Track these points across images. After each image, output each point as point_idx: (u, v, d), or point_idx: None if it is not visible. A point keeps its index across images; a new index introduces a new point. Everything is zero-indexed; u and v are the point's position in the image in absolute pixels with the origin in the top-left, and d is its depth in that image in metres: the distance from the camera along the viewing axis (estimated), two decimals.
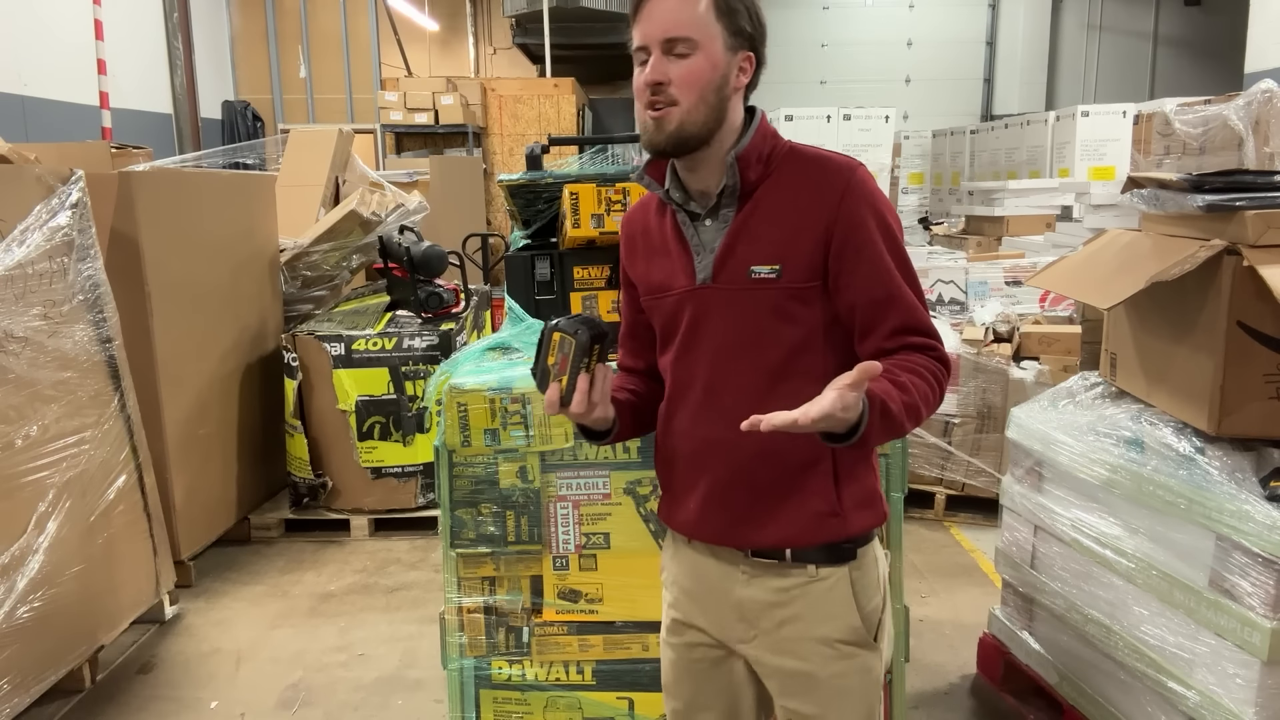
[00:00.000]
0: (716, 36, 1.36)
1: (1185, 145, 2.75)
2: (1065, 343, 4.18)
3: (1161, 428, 2.19)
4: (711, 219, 1.44)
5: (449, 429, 2.21)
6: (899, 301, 1.38)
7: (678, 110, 1.36)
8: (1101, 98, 11.21)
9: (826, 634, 1.44)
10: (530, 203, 2.64)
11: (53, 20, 8.00)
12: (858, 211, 1.37)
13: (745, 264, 1.40)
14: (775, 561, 1.45)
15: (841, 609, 1.45)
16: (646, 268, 1.52)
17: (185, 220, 3.75)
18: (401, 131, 9.54)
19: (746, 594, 1.47)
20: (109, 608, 3.02)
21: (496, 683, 2.31)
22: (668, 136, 1.37)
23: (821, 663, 1.44)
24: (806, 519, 1.42)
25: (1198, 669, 2.03)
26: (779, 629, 1.46)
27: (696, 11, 1.34)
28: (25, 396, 2.72)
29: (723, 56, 1.37)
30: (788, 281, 1.39)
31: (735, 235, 1.41)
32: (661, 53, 1.35)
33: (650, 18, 1.35)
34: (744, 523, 1.45)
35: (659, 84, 1.35)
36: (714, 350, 1.43)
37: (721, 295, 1.42)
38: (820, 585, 1.44)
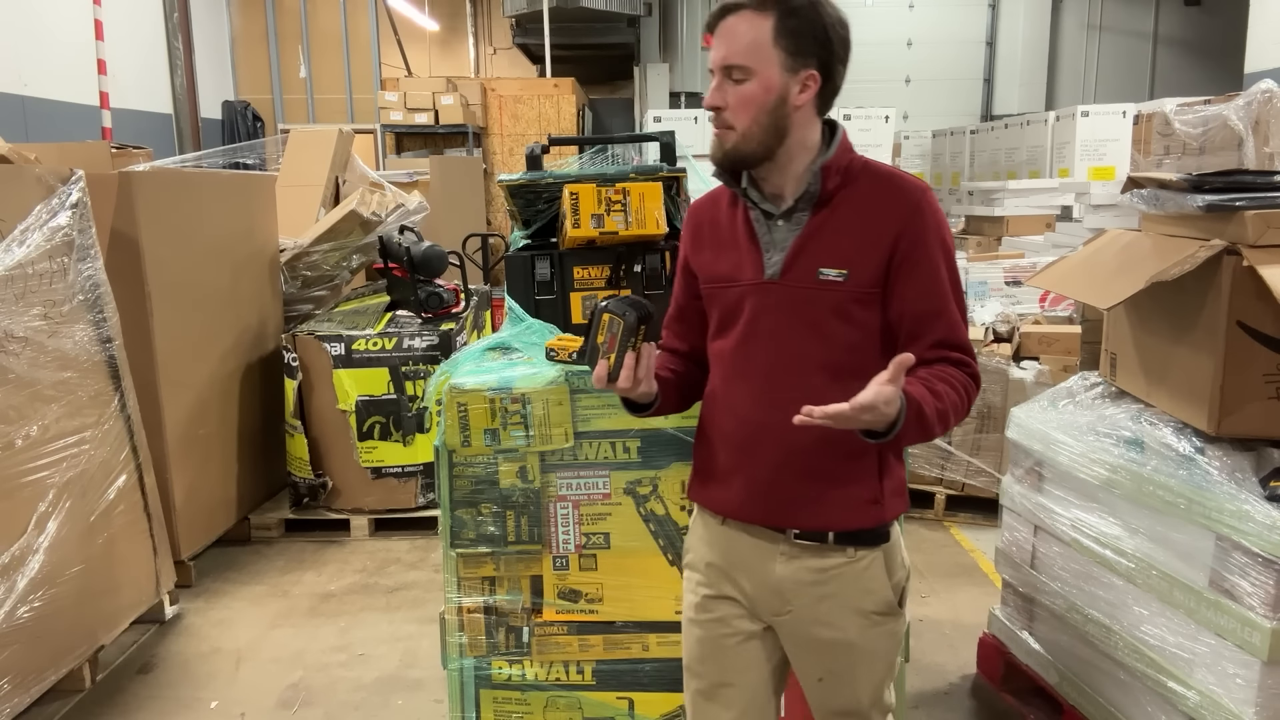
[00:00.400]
0: (773, 61, 1.46)
1: (1185, 145, 2.75)
2: (1065, 343, 4.18)
3: (1161, 428, 2.19)
4: (785, 220, 1.55)
5: (449, 429, 2.21)
6: (945, 317, 1.51)
7: (734, 133, 1.49)
8: (1101, 98, 11.21)
9: (862, 607, 1.58)
10: (530, 203, 2.64)
11: (53, 20, 8.00)
12: (923, 230, 1.50)
13: (814, 266, 1.51)
14: (817, 544, 1.56)
15: (876, 585, 1.59)
16: (713, 258, 1.62)
17: (185, 220, 3.75)
18: (401, 131, 9.54)
19: (785, 573, 1.58)
20: (109, 608, 3.03)
21: (496, 683, 2.31)
22: (725, 155, 1.52)
23: (857, 632, 1.59)
24: (852, 505, 1.55)
25: (1198, 669, 2.03)
26: (816, 604, 1.58)
27: (754, 40, 1.45)
28: (25, 396, 2.72)
29: (779, 79, 1.47)
30: (853, 286, 1.50)
31: (807, 238, 1.52)
32: (722, 77, 1.49)
33: (715, 44, 1.49)
34: (791, 505, 1.56)
35: (717, 108, 1.50)
36: (776, 342, 1.54)
37: (788, 292, 1.53)
38: (858, 565, 1.57)
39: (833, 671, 1.62)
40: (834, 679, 1.62)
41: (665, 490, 2.21)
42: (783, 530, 1.57)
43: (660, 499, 2.21)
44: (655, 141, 2.70)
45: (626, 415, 2.14)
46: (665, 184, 2.47)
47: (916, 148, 10.46)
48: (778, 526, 1.58)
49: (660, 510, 2.22)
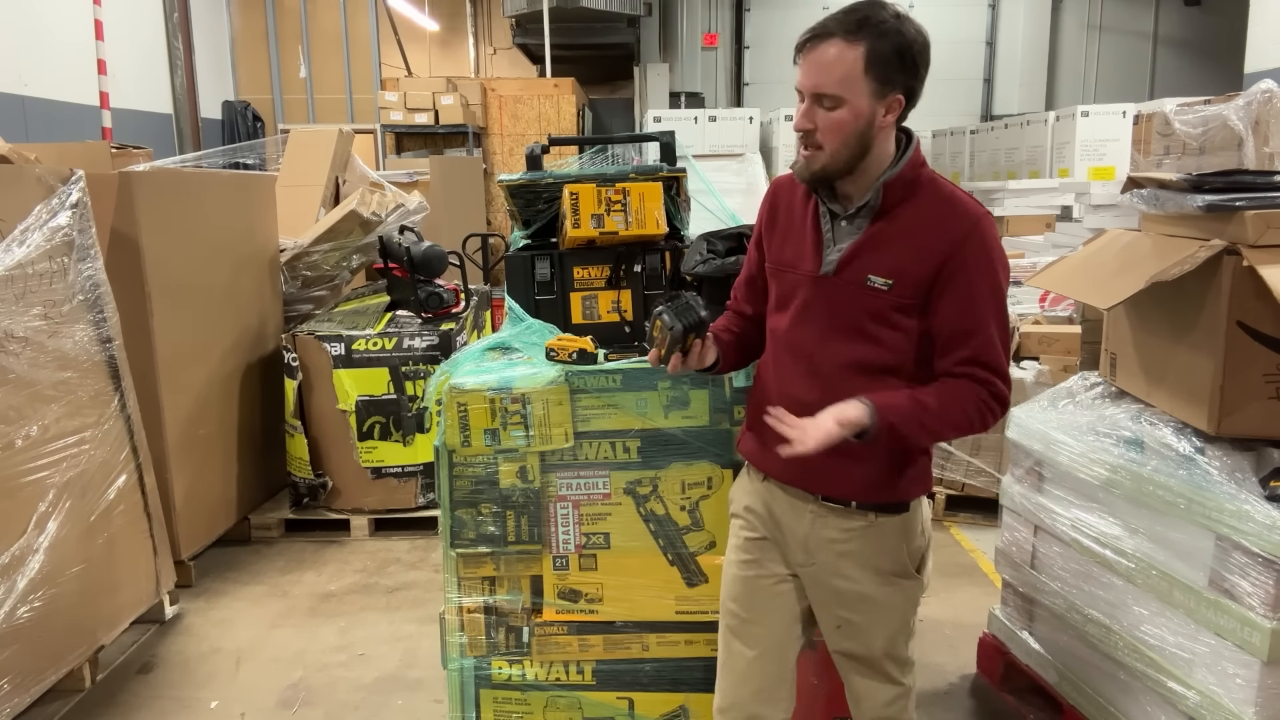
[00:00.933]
0: (863, 90, 1.55)
1: (1185, 145, 2.75)
2: (1065, 343, 4.18)
3: (1161, 428, 2.19)
4: (848, 222, 1.67)
5: (449, 429, 2.21)
6: (977, 338, 1.61)
7: (822, 155, 1.60)
8: (1101, 98, 11.20)
9: (879, 566, 1.74)
10: (530, 203, 2.64)
11: (53, 20, 8.00)
12: (972, 255, 1.60)
13: (865, 271, 1.63)
14: (842, 507, 1.73)
15: (893, 547, 1.74)
16: (781, 242, 1.77)
17: (185, 220, 3.75)
18: (401, 131, 9.54)
19: (813, 530, 1.75)
20: (109, 607, 3.03)
21: (496, 683, 2.31)
22: (812, 175, 1.63)
23: (873, 586, 1.74)
24: (870, 482, 1.70)
25: (1198, 669, 2.04)
26: (838, 560, 1.74)
27: (845, 70, 1.53)
28: (25, 396, 2.72)
29: (868, 106, 1.56)
30: (896, 295, 1.62)
31: (863, 244, 1.64)
32: (811, 102, 1.57)
33: (805, 69, 1.58)
34: (818, 474, 1.71)
35: (807, 130, 1.59)
36: (823, 332, 1.68)
37: (839, 289, 1.66)
38: (877, 529, 1.73)
39: (850, 620, 1.77)
40: (850, 627, 1.78)
41: (665, 490, 2.21)
42: (813, 494, 1.74)
43: (660, 499, 2.21)
44: (655, 141, 2.70)
45: (627, 415, 2.17)
46: (665, 184, 2.47)
47: None
48: (808, 490, 1.75)
49: (660, 510, 2.22)
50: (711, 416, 2.18)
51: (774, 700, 1.82)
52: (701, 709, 2.29)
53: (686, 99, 11.71)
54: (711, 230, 2.50)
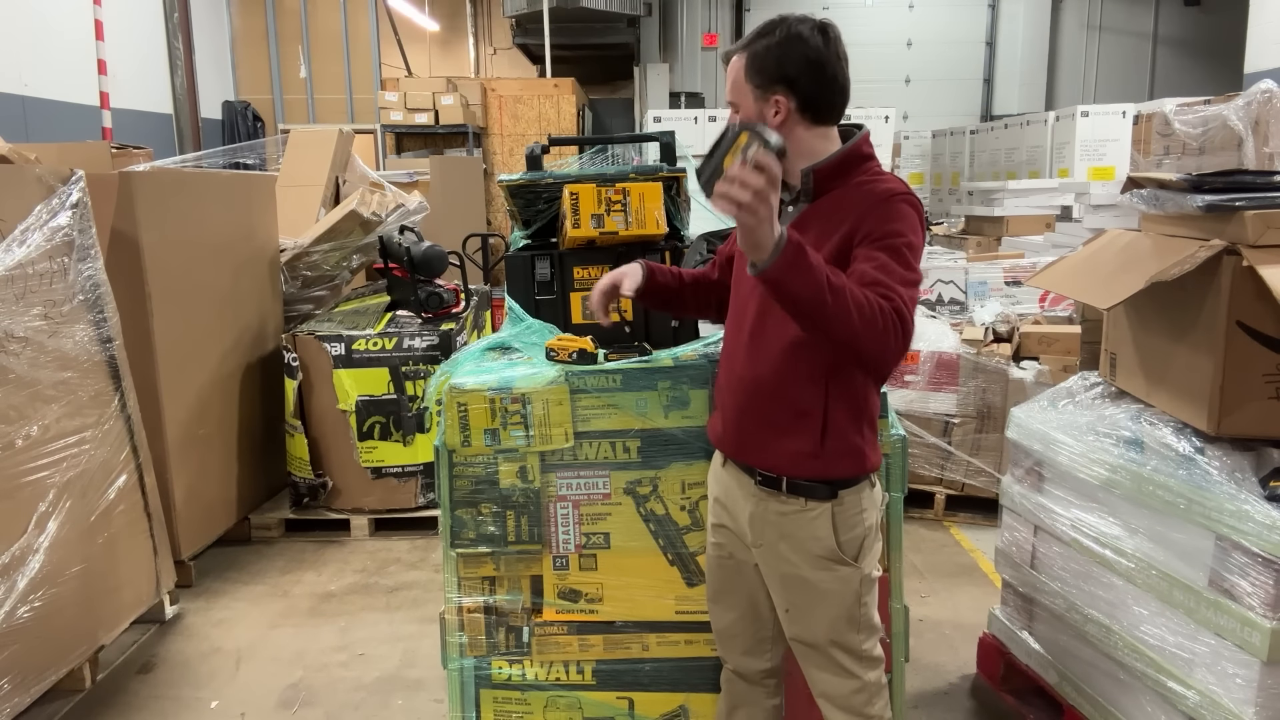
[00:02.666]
0: (747, 93, 1.76)
1: (1185, 145, 2.75)
2: (1065, 343, 4.18)
3: (1161, 428, 2.19)
4: (792, 208, 1.83)
5: (449, 429, 2.21)
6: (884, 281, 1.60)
7: None
8: (1101, 98, 11.21)
9: (810, 550, 1.81)
10: (530, 203, 2.64)
11: (53, 20, 8.00)
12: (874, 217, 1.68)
13: None
14: (775, 491, 1.82)
15: (823, 534, 1.80)
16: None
17: (185, 220, 3.75)
18: (401, 132, 9.54)
19: (755, 512, 1.86)
20: (109, 607, 3.03)
21: (496, 682, 2.31)
22: None
23: (808, 570, 1.82)
24: (793, 454, 1.78)
25: (1197, 669, 2.04)
26: (777, 543, 1.84)
27: (733, 78, 1.78)
28: (26, 396, 2.72)
29: (754, 107, 1.75)
30: None
31: (796, 225, 1.75)
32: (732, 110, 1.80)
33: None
34: (749, 444, 1.85)
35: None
36: (758, 309, 1.80)
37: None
38: (807, 515, 1.80)
39: (794, 604, 1.86)
40: (795, 611, 1.87)
41: (665, 490, 2.21)
42: (751, 473, 1.85)
43: (660, 499, 2.21)
44: (655, 141, 2.70)
45: (627, 415, 2.17)
46: (665, 184, 2.47)
47: (916, 148, 10.47)
48: (745, 465, 1.86)
49: (660, 510, 2.22)
50: (711, 416, 2.18)
51: (757, 654, 2.00)
52: (701, 709, 2.29)
53: (686, 99, 11.72)
54: (711, 230, 2.50)
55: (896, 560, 2.27)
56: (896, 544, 2.26)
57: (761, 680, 2.02)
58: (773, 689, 2.04)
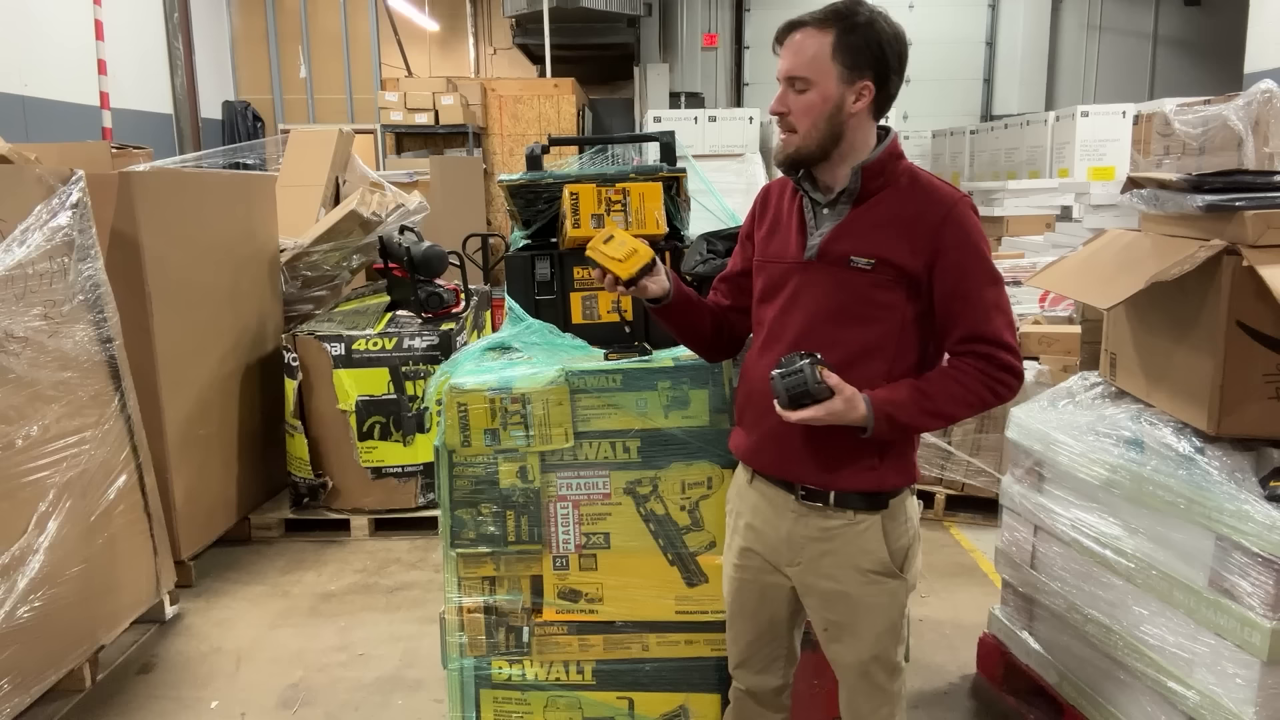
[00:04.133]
0: (830, 74, 1.64)
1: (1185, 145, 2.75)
2: (1065, 343, 4.18)
3: (1161, 428, 2.19)
4: (829, 210, 1.74)
5: (449, 429, 2.21)
6: (971, 313, 1.67)
7: (796, 137, 1.68)
8: (1101, 98, 11.20)
9: (859, 565, 1.75)
10: (530, 203, 2.64)
11: (53, 20, 8.00)
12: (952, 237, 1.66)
13: (847, 253, 1.69)
14: (821, 506, 1.75)
15: (874, 547, 1.75)
16: (768, 236, 1.83)
17: (185, 220, 3.75)
18: (402, 132, 9.54)
19: (795, 529, 1.78)
20: (109, 607, 3.03)
21: (496, 682, 2.31)
22: (786, 157, 1.72)
23: (854, 586, 1.76)
24: (849, 467, 1.72)
25: (1198, 669, 2.04)
26: (820, 559, 1.77)
27: (814, 54, 1.64)
28: (26, 396, 2.72)
29: (836, 89, 1.65)
30: (878, 274, 1.68)
31: (844, 228, 1.71)
32: (786, 86, 1.68)
33: (781, 55, 1.69)
34: (793, 460, 1.75)
35: (781, 113, 1.69)
36: (808, 315, 1.74)
37: (823, 272, 1.72)
38: (857, 528, 1.74)
39: (836, 622, 1.80)
40: (837, 629, 1.80)
41: (665, 490, 2.21)
42: (792, 488, 1.77)
43: (660, 499, 2.21)
44: (655, 141, 2.70)
45: (627, 415, 2.17)
46: (665, 184, 2.47)
47: (916, 148, 10.46)
48: (787, 480, 1.78)
49: (660, 510, 2.22)
50: (711, 417, 2.18)
51: (772, 672, 1.96)
52: (701, 709, 2.29)
53: (686, 99, 11.71)
54: (711, 230, 2.50)
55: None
56: None
57: (773, 699, 1.98)
58: (782, 706, 2.01)
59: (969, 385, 1.66)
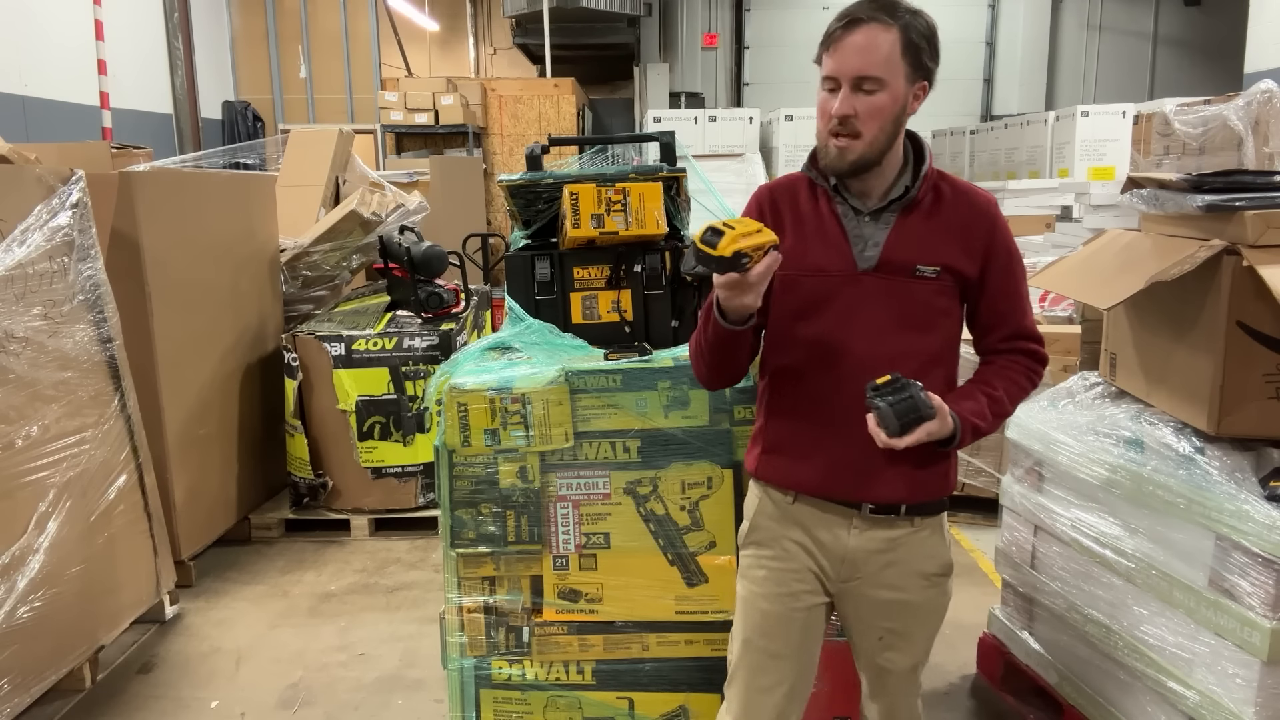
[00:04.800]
0: (900, 73, 1.56)
1: (1185, 145, 2.75)
2: (1065, 343, 4.18)
3: (1161, 428, 2.19)
4: (872, 218, 1.66)
5: (449, 429, 2.21)
6: (1017, 311, 1.73)
7: (860, 142, 1.57)
8: (1101, 98, 11.20)
9: (924, 570, 1.74)
10: (530, 203, 2.64)
11: (53, 20, 8.00)
12: (1002, 239, 1.70)
13: (911, 261, 1.64)
14: (889, 516, 1.70)
15: (939, 550, 1.76)
16: (799, 246, 1.69)
17: (185, 220, 3.75)
18: (402, 132, 9.54)
19: (856, 544, 1.71)
20: (109, 607, 3.03)
21: (496, 682, 2.31)
22: (849, 164, 1.60)
23: (917, 592, 1.74)
24: (925, 480, 1.69)
25: (1198, 669, 2.04)
26: (883, 571, 1.72)
27: (886, 52, 1.54)
28: (26, 396, 2.72)
29: (904, 90, 1.58)
30: (943, 282, 1.66)
31: (903, 236, 1.65)
32: (850, 88, 1.55)
33: (843, 54, 1.55)
34: (870, 480, 1.67)
35: (848, 116, 1.56)
36: (873, 328, 1.65)
37: (885, 284, 1.65)
38: (922, 534, 1.73)
39: (893, 630, 1.76)
40: (893, 636, 1.76)
41: (665, 490, 2.21)
42: (857, 505, 1.69)
43: (660, 499, 2.21)
44: (655, 141, 2.70)
45: (627, 415, 2.17)
46: (665, 184, 2.47)
47: None
48: (854, 501, 1.69)
49: (660, 510, 2.22)
50: (711, 416, 2.18)
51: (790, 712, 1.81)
52: (701, 709, 2.29)
53: (686, 99, 11.71)
54: None
55: None
56: None
57: None
58: None
59: (1021, 383, 1.71)
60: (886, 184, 1.66)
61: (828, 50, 1.58)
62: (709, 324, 1.64)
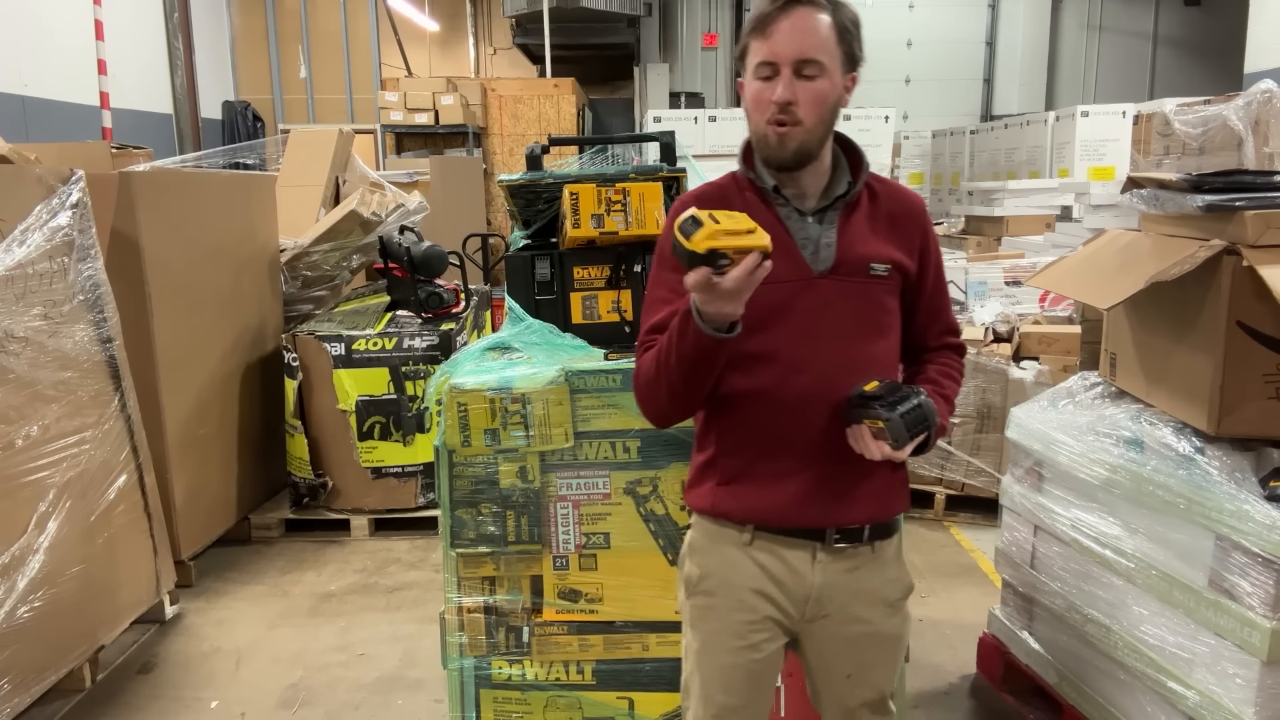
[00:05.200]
0: (837, 60, 1.48)
1: (1185, 145, 2.75)
2: (1065, 343, 4.18)
3: (1161, 428, 2.19)
4: (814, 217, 1.57)
5: (449, 429, 2.21)
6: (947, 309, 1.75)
7: (800, 130, 1.48)
8: (1101, 98, 11.20)
9: (888, 596, 1.64)
10: (530, 203, 2.64)
11: (53, 20, 8.00)
12: (935, 237, 1.70)
13: (864, 261, 1.56)
14: (853, 545, 1.60)
15: (899, 573, 1.67)
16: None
17: (185, 220, 3.75)
18: (402, 132, 9.54)
19: (822, 579, 1.59)
20: (109, 607, 3.03)
21: (496, 682, 2.31)
22: (792, 153, 1.50)
23: (882, 620, 1.64)
24: (887, 495, 1.61)
25: (1197, 669, 2.04)
26: (851, 603, 1.61)
27: (825, 35, 1.46)
28: (26, 396, 2.72)
29: (840, 78, 1.50)
30: (893, 281, 1.60)
31: (852, 235, 1.57)
32: (791, 72, 1.45)
33: (783, 37, 1.45)
34: (841, 501, 1.57)
35: (788, 102, 1.46)
36: (838, 334, 1.55)
37: (844, 285, 1.55)
38: (882, 557, 1.63)
39: (861, 664, 1.66)
40: (862, 671, 1.66)
41: (665, 490, 2.21)
42: (822, 533, 1.57)
43: (660, 499, 2.21)
44: (655, 141, 2.70)
45: (627, 415, 2.17)
46: (665, 184, 2.47)
47: (916, 148, 10.46)
48: (819, 528, 1.57)
49: (660, 510, 2.22)
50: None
51: None
52: None
53: (686, 99, 11.71)
54: None
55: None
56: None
57: None
58: None
59: (957, 379, 1.71)
60: (822, 183, 1.57)
61: (761, 34, 1.46)
62: (684, 336, 1.42)
